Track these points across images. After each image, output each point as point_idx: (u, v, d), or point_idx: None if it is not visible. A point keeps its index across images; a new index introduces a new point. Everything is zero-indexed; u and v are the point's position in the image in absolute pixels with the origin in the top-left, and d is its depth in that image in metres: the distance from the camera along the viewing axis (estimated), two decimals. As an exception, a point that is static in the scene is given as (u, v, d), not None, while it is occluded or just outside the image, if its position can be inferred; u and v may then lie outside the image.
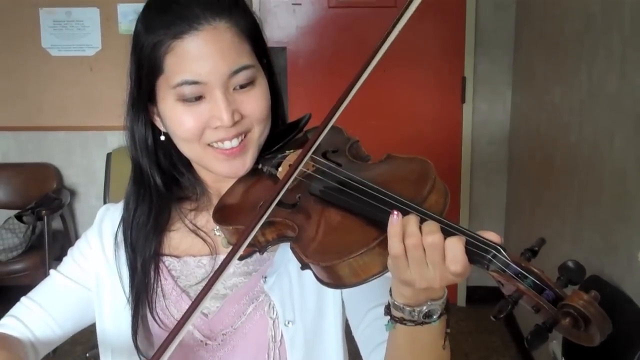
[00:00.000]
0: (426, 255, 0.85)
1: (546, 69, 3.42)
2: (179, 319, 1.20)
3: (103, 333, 1.28)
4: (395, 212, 0.86)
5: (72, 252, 1.33)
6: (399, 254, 0.86)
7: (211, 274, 0.92)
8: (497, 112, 4.21)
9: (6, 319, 1.28)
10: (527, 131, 3.83)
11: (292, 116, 1.29)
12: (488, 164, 4.29)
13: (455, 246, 0.83)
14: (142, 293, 1.22)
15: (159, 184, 1.22)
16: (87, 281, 1.29)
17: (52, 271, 1.32)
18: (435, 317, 0.93)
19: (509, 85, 4.15)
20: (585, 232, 2.74)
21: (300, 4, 4.18)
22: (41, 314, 1.28)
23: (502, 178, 4.30)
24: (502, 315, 0.78)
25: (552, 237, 3.04)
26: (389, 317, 0.97)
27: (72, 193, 4.46)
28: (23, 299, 1.31)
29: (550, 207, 3.28)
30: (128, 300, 1.24)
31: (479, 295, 4.28)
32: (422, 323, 0.93)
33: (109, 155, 4.24)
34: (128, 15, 4.13)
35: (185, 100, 1.09)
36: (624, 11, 2.32)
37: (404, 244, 0.86)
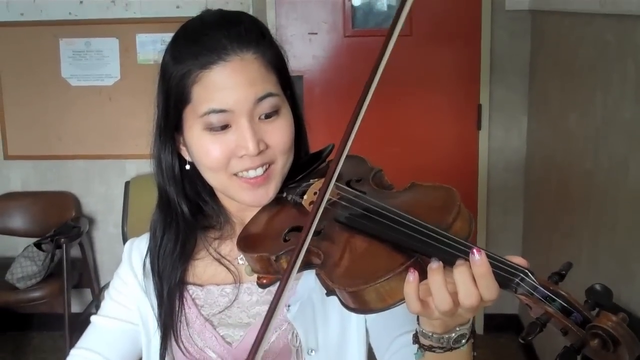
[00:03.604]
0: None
1: (561, 96, 3.42)
2: (202, 347, 1.21)
3: None
4: (411, 270, 0.85)
5: (109, 293, 1.32)
6: (419, 311, 0.86)
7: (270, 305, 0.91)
8: (513, 138, 4.20)
9: None
10: (543, 158, 3.83)
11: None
12: (504, 190, 4.27)
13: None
14: (168, 321, 1.23)
15: (185, 212, 1.22)
16: (131, 316, 1.28)
17: (92, 317, 1.30)
18: (463, 341, 0.92)
19: (524, 112, 4.15)
20: (601, 259, 2.72)
21: (316, 33, 4.21)
22: (93, 357, 1.25)
23: (519, 204, 4.27)
24: (530, 338, 0.79)
25: (570, 264, 3.01)
26: (417, 346, 0.96)
27: (91, 221, 4.47)
28: (71, 350, 1.27)
29: (567, 233, 3.26)
30: (157, 329, 1.24)
31: (496, 323, 4.23)
32: (451, 349, 0.92)
33: (127, 184, 4.25)
34: (146, 46, 4.13)
35: (212, 129, 1.11)
36: (637, 38, 2.33)
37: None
